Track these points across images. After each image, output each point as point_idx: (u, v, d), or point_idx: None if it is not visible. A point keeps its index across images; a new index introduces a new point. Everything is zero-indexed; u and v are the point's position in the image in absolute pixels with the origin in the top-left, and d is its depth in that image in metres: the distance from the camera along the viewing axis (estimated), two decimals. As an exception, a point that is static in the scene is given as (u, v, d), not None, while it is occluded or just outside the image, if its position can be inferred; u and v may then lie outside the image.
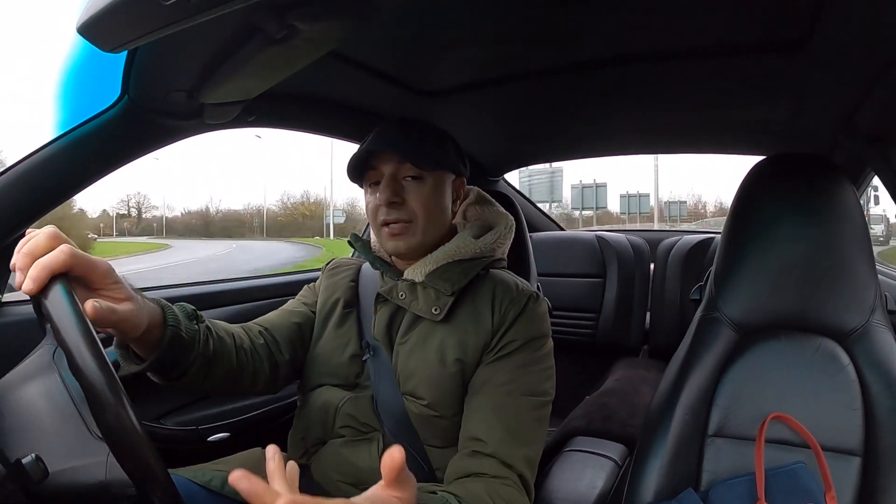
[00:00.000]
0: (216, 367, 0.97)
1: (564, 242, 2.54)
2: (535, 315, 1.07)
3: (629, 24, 1.08)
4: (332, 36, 0.84)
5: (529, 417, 1.01)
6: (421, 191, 1.07)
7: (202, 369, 0.95)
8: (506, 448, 0.96)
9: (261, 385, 1.09)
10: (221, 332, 1.01)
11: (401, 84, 1.38)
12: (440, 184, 1.10)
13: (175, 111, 1.12)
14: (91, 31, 0.72)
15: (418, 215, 1.07)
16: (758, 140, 1.86)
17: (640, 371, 2.12)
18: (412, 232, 1.07)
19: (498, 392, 1.00)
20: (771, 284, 1.11)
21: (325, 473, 1.07)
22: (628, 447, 1.51)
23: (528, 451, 0.99)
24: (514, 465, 0.96)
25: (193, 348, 0.90)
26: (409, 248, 1.08)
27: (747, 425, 1.04)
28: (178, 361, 0.89)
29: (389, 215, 1.06)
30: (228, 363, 1.00)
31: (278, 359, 1.11)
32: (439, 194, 1.10)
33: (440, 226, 1.12)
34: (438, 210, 1.10)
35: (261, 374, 1.08)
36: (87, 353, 0.64)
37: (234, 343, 1.03)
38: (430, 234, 1.09)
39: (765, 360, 1.07)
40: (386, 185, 1.06)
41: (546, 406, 1.04)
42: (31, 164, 1.07)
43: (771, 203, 1.12)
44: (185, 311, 0.91)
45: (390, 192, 1.06)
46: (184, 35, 0.72)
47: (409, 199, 1.07)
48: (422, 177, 1.07)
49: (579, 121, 1.80)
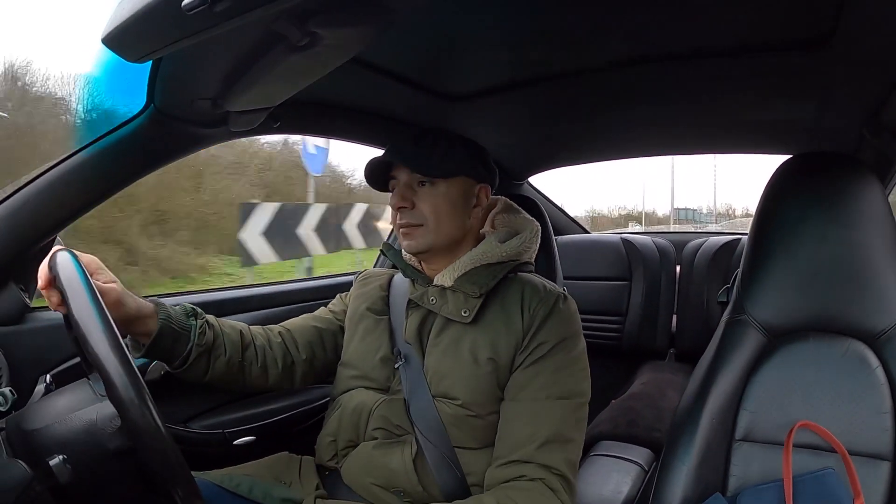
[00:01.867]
0: (217, 358, 1.07)
1: (590, 245, 2.53)
2: (564, 314, 1.09)
3: (651, 24, 1.07)
4: (354, 42, 0.84)
5: (569, 421, 1.02)
6: (432, 195, 1.10)
7: (202, 359, 1.05)
8: (547, 454, 0.98)
9: (273, 380, 1.17)
10: (226, 328, 1.11)
11: (423, 89, 1.38)
12: (453, 189, 1.12)
13: (200, 119, 1.13)
14: (116, 42, 0.73)
15: (429, 219, 1.10)
16: (784, 139, 1.83)
17: (666, 375, 2.11)
18: (423, 233, 1.10)
19: (536, 397, 1.02)
20: (799, 286, 1.08)
21: (356, 476, 1.08)
22: (654, 452, 1.51)
23: (569, 453, 1.01)
24: (555, 468, 0.97)
25: (188, 339, 1.02)
26: (420, 248, 1.11)
27: (775, 430, 1.02)
28: (173, 350, 1.01)
29: (401, 219, 1.11)
30: (232, 355, 1.09)
31: (294, 357, 1.19)
32: (452, 199, 1.12)
33: (453, 229, 1.13)
34: (450, 214, 1.12)
35: (272, 370, 1.16)
36: (104, 341, 0.69)
37: (241, 338, 1.12)
38: (441, 235, 1.11)
39: (793, 362, 1.05)
40: (397, 191, 1.12)
41: (583, 407, 1.06)
42: (60, 172, 1.09)
43: (797, 203, 1.10)
44: (185, 309, 1.05)
45: (399, 198, 1.11)
46: (207, 44, 0.73)
47: (420, 203, 1.10)
48: (433, 183, 1.10)
49: (602, 123, 1.79)
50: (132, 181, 1.17)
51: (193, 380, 1.06)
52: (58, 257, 0.79)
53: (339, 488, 1.09)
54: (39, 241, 1.13)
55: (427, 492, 1.03)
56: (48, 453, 0.72)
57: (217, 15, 0.63)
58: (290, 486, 1.09)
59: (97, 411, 0.76)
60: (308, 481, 1.10)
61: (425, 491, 1.03)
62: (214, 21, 0.66)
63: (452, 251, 1.14)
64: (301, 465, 1.15)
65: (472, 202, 1.16)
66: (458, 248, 1.14)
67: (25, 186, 1.08)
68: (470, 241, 1.17)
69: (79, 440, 0.75)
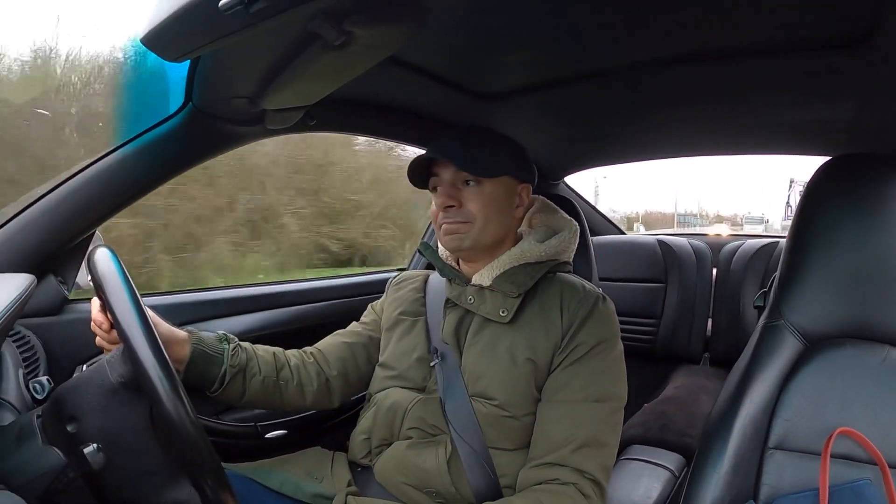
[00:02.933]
0: (252, 377, 1.10)
1: (626, 247, 2.49)
2: (604, 315, 1.08)
3: (687, 23, 1.05)
4: (390, 41, 0.84)
5: (605, 424, 1.02)
6: (479, 194, 1.09)
7: (237, 380, 1.08)
8: (581, 457, 0.97)
9: (310, 398, 1.17)
10: (260, 351, 1.14)
11: (459, 87, 1.38)
12: (499, 188, 1.11)
13: (237, 117, 1.14)
14: (154, 42, 0.74)
15: (476, 217, 1.09)
16: (822, 140, 1.78)
17: (699, 379, 2.09)
18: (469, 232, 1.09)
19: (573, 399, 1.01)
20: (837, 291, 1.05)
21: (388, 475, 1.08)
22: (685, 457, 1.49)
23: (603, 458, 1.00)
24: (588, 472, 0.96)
25: (221, 361, 1.05)
26: (466, 247, 1.10)
27: (810, 439, 0.98)
28: (208, 372, 1.04)
29: (447, 218, 1.09)
30: (267, 375, 1.12)
31: (328, 374, 1.20)
32: (498, 198, 1.11)
33: (498, 228, 1.12)
34: (497, 213, 1.11)
35: (308, 388, 1.17)
36: (139, 333, 0.71)
37: (275, 359, 1.15)
38: (487, 235, 1.10)
39: (830, 370, 1.01)
40: (443, 190, 1.10)
41: (619, 411, 1.05)
42: (100, 169, 1.11)
43: (835, 206, 1.06)
44: (217, 336, 1.09)
45: (446, 197, 1.09)
46: (244, 43, 0.74)
47: (466, 202, 1.09)
48: (479, 182, 1.09)
49: (638, 123, 1.77)
50: (170, 178, 1.19)
51: (232, 402, 1.10)
52: (96, 253, 0.80)
53: (371, 486, 1.09)
54: (79, 236, 1.16)
55: (459, 493, 1.02)
56: (64, 413, 0.75)
57: (253, 15, 0.64)
58: (321, 481, 1.09)
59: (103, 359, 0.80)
60: (340, 477, 1.10)
61: (458, 492, 1.02)
62: (250, 21, 0.66)
63: (493, 250, 1.13)
64: (333, 461, 1.15)
65: (514, 202, 1.15)
66: (498, 248, 1.14)
67: (66, 182, 1.11)
68: (509, 240, 1.16)
69: (85, 379, 0.79)
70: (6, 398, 0.89)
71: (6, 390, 0.91)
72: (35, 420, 0.77)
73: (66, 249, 1.17)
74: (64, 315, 1.21)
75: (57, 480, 0.72)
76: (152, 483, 0.77)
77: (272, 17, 0.66)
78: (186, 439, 0.71)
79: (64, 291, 1.20)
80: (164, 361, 0.72)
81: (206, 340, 1.05)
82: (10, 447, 0.75)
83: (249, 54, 0.89)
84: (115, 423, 0.76)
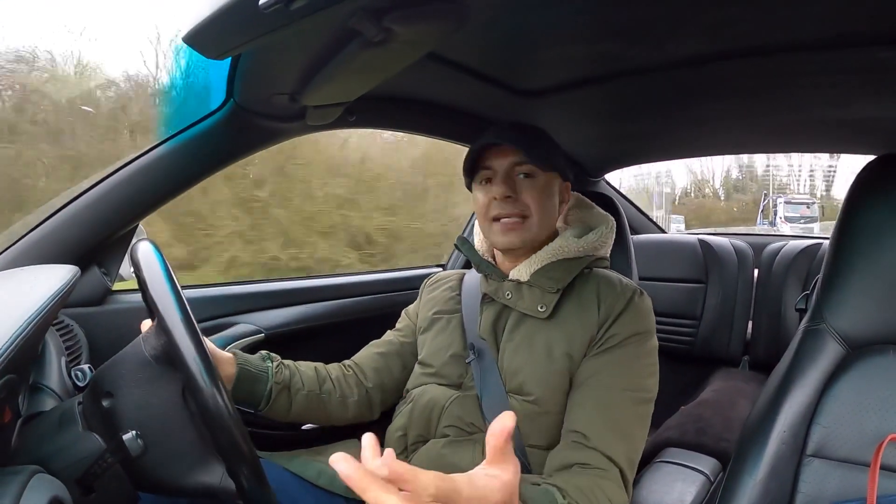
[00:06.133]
0: (297, 392, 1.10)
1: (666, 246, 2.45)
2: (640, 310, 1.07)
3: (730, 18, 1.02)
4: (429, 38, 0.83)
5: (632, 413, 1.00)
6: (534, 187, 1.08)
7: (283, 395, 1.08)
8: (608, 442, 0.95)
9: (352, 410, 1.19)
10: (302, 367, 1.15)
11: (499, 84, 1.36)
12: (550, 183, 1.11)
13: (278, 114, 1.16)
14: (196, 40, 0.75)
15: (532, 210, 1.08)
16: (868, 139, 1.72)
17: (738, 383, 2.03)
18: (527, 227, 1.09)
19: (601, 385, 1.00)
20: (881, 295, 1.01)
21: None
22: (721, 462, 1.45)
23: (629, 447, 0.98)
24: (615, 460, 0.95)
25: (267, 379, 1.06)
26: (523, 243, 1.09)
27: (849, 447, 0.95)
28: (254, 390, 1.05)
29: (503, 209, 1.08)
30: (311, 389, 1.13)
31: (367, 386, 1.21)
32: (549, 193, 1.11)
33: (550, 224, 1.13)
34: (549, 208, 1.11)
35: (350, 399, 1.18)
36: (179, 326, 0.72)
37: (317, 373, 1.16)
38: (542, 230, 1.10)
39: (871, 377, 0.98)
40: (501, 180, 1.09)
41: (648, 403, 1.03)
42: (143, 163, 1.14)
43: (881, 207, 1.02)
44: (260, 355, 1.09)
45: (505, 187, 1.07)
46: (284, 40, 0.74)
47: (522, 194, 1.08)
48: (534, 174, 1.09)
49: (680, 120, 1.73)
50: (211, 173, 1.21)
51: (278, 418, 1.10)
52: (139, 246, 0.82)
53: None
54: (122, 229, 1.19)
55: None
56: (101, 390, 0.77)
57: (293, 12, 0.64)
58: None
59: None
60: None
61: None
62: (290, 18, 0.67)
63: (534, 246, 1.12)
64: None
65: (558, 198, 1.14)
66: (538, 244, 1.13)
67: (110, 176, 1.14)
68: (548, 236, 1.15)
69: (120, 357, 0.81)
70: (49, 385, 0.91)
71: (49, 377, 0.93)
72: (76, 406, 0.79)
73: (110, 242, 1.20)
74: (106, 305, 1.25)
75: (96, 465, 0.73)
76: (185, 463, 0.78)
77: (312, 15, 0.66)
78: (225, 430, 0.71)
79: (107, 282, 1.23)
80: (205, 356, 0.72)
81: (251, 360, 1.06)
82: (50, 432, 0.76)
83: (289, 51, 0.90)
84: (148, 397, 0.77)
